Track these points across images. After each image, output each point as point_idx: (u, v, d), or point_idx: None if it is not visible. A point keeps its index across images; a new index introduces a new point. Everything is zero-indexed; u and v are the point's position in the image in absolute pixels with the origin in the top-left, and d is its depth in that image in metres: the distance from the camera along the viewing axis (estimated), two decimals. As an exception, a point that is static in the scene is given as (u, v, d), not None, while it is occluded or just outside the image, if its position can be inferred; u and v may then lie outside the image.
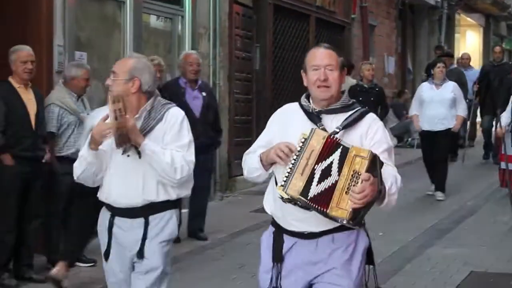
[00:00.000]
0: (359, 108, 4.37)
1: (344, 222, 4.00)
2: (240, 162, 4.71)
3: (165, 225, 4.93)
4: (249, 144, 4.88)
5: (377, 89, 13.18)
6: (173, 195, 4.91)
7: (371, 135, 4.28)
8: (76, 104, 8.34)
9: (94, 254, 8.68)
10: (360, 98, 11.26)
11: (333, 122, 4.30)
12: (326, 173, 4.04)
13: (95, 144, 4.75)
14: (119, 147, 4.73)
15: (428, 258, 8.87)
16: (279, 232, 4.38)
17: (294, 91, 15.83)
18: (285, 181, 4.05)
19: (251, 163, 4.44)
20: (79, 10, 9.73)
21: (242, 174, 4.63)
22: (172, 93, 9.09)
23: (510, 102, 12.02)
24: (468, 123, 16.99)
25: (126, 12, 10.61)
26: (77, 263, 8.29)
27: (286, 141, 4.19)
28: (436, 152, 12.62)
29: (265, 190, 4.52)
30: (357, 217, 4.01)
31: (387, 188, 4.07)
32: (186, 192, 4.99)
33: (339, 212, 3.99)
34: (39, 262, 8.24)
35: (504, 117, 11.92)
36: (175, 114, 4.88)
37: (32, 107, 7.83)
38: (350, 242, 4.29)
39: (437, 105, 12.55)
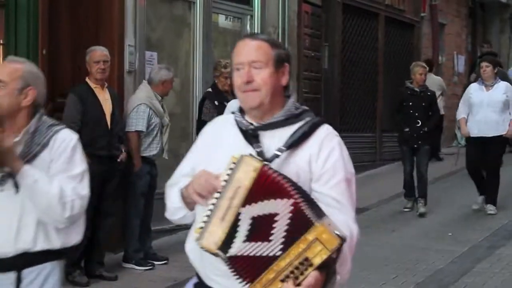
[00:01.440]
0: (310, 118, 3.19)
1: None
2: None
3: (44, 281, 3.81)
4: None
5: (428, 93, 11.33)
6: (55, 244, 3.77)
7: (323, 158, 3.10)
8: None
9: (166, 252, 8.80)
10: (411, 103, 11.04)
11: (273, 140, 3.13)
12: (262, 228, 2.88)
13: None
14: None
15: (498, 259, 8.70)
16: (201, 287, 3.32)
17: (363, 90, 15.74)
18: (201, 228, 2.98)
19: (171, 201, 3.34)
20: (149, 10, 9.77)
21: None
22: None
23: None
24: None
25: (196, 12, 10.64)
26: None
27: (211, 170, 3.06)
28: (487, 160, 11.22)
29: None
30: None
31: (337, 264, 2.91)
32: (75, 239, 3.87)
33: None
34: (109, 260, 8.32)
35: None
36: (65, 138, 3.79)
37: (108, 107, 7.92)
38: None
39: (488, 108, 11.15)
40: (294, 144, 3.10)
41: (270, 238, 2.85)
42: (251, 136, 3.16)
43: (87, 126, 7.71)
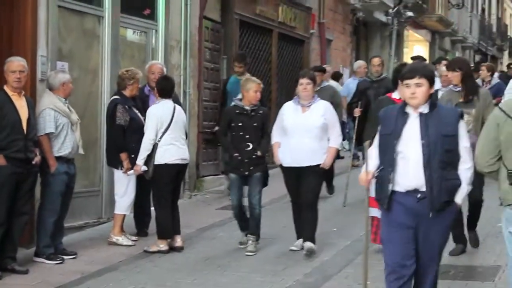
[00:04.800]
0: None
1: None
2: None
3: None
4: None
5: (260, 111, 8.93)
6: None
7: None
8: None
9: (74, 247, 8.77)
10: (240, 124, 8.76)
11: None
12: None
13: None
14: None
15: (378, 251, 8.90)
16: None
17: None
18: None
19: None
20: (61, 23, 9.74)
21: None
22: (140, 99, 9.51)
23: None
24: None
25: (105, 26, 10.64)
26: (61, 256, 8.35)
27: None
28: (303, 193, 8.68)
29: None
30: None
31: None
32: None
33: None
34: (21, 255, 8.27)
35: (374, 157, 5.83)
36: None
37: (24, 113, 7.94)
38: None
39: (304, 133, 8.56)
40: None
41: None
42: None
43: (5, 131, 7.74)
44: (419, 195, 5.48)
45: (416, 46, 30.21)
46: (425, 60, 15.51)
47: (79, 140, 8.59)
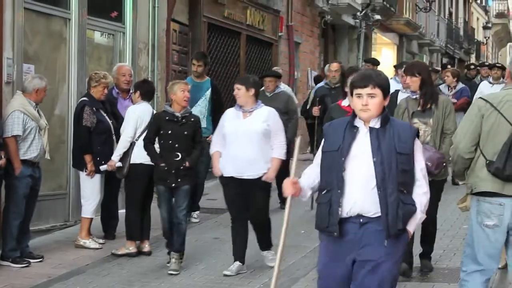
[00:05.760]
0: None
1: None
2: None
3: None
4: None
5: (192, 119, 8.28)
6: None
7: None
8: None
9: (41, 251, 8.72)
10: (169, 131, 8.14)
11: None
12: None
13: None
14: None
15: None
16: None
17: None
18: None
19: None
20: (27, 25, 9.68)
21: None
22: (108, 101, 9.41)
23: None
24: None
25: (72, 28, 10.60)
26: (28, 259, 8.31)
27: None
28: (251, 213, 8.05)
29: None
30: None
31: None
32: None
33: None
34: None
35: (309, 176, 5.02)
36: None
37: (-12, 116, 7.87)
38: None
39: (245, 141, 7.82)
40: None
41: None
42: None
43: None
44: (361, 220, 4.75)
45: (384, 49, 30.38)
46: (378, 63, 14.84)
47: (46, 145, 8.54)
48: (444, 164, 7.23)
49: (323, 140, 4.94)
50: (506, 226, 5.53)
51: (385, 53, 30.11)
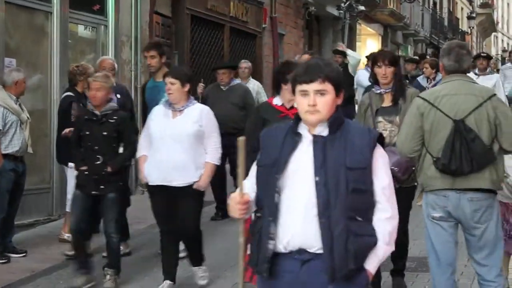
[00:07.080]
0: None
1: None
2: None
3: None
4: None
5: (115, 117, 7.25)
6: None
7: None
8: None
9: (25, 245, 8.72)
10: (88, 132, 7.24)
11: None
12: None
13: None
14: None
15: None
16: None
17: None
18: None
19: None
20: (8, 19, 9.68)
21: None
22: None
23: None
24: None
25: (53, 21, 10.59)
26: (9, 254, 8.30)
27: None
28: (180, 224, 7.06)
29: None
30: None
31: None
32: None
33: None
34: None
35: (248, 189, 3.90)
36: None
37: (-30, 111, 7.86)
38: None
39: (173, 144, 6.80)
40: None
41: None
42: None
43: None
44: (303, 257, 3.60)
45: (369, 40, 30.47)
46: (345, 56, 13.63)
47: (28, 139, 8.53)
48: (414, 168, 5.97)
49: (259, 150, 3.80)
50: (453, 219, 5.48)
51: (370, 44, 30.19)
